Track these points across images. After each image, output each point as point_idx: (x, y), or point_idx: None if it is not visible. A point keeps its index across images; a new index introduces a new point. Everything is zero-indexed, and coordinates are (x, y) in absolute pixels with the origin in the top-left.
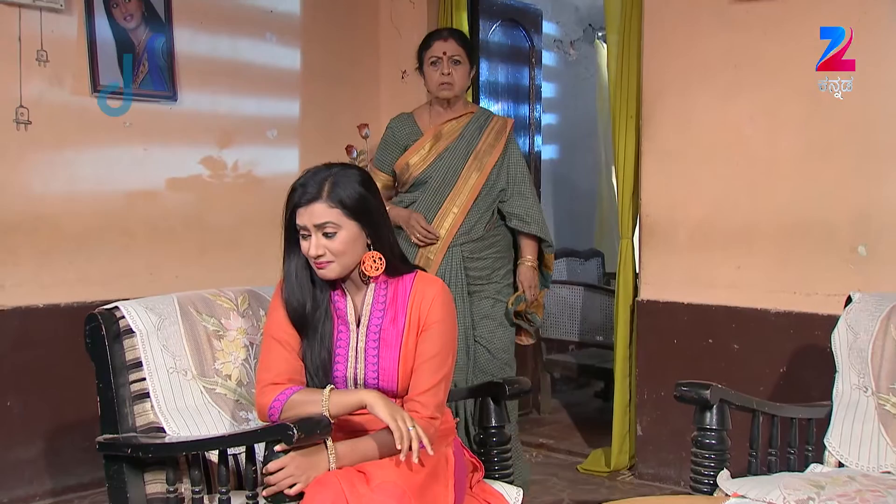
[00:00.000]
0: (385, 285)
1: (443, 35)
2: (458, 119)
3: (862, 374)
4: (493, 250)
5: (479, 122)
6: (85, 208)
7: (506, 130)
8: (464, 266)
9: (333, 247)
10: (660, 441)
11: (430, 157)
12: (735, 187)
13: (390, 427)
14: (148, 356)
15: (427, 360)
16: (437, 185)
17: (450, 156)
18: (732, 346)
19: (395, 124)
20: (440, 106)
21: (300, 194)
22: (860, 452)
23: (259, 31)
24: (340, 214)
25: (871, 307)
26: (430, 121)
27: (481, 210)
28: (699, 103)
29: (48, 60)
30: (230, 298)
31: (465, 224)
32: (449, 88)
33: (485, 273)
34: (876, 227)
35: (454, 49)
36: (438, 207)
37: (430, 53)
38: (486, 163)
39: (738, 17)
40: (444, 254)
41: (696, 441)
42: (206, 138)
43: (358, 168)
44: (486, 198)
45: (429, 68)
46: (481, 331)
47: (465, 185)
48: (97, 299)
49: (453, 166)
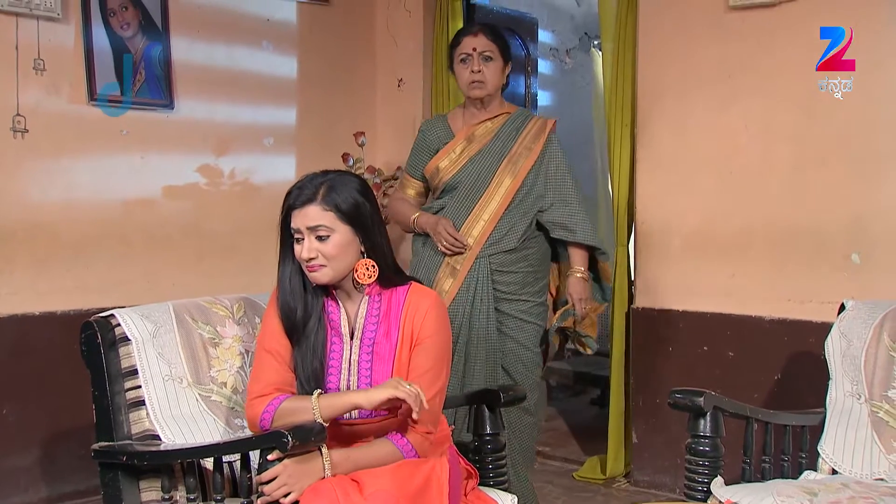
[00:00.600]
0: (379, 297)
1: (472, 30)
2: (494, 120)
3: (855, 382)
4: (525, 264)
5: (517, 123)
6: (82, 216)
7: (545, 131)
8: (491, 279)
9: (326, 250)
10: (655, 448)
11: (460, 161)
12: (729, 195)
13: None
14: (143, 364)
15: (421, 374)
16: (467, 190)
17: (482, 159)
18: (727, 353)
19: (426, 127)
20: (474, 106)
21: (296, 196)
22: (853, 459)
23: (256, 39)
24: (334, 218)
25: (864, 315)
26: (463, 122)
27: (515, 219)
28: (694, 112)
29: (45, 69)
30: (226, 306)
31: (495, 233)
32: (480, 87)
33: (513, 289)
34: (869, 235)
35: (484, 44)
36: (467, 214)
37: (460, 50)
38: (520, 166)
39: (733, 26)
40: (472, 265)
41: (690, 448)
42: (203, 146)
43: (356, 176)
44: (521, 205)
45: (458, 66)
46: (503, 352)
47: (498, 191)
48: (94, 307)
49: (485, 170)
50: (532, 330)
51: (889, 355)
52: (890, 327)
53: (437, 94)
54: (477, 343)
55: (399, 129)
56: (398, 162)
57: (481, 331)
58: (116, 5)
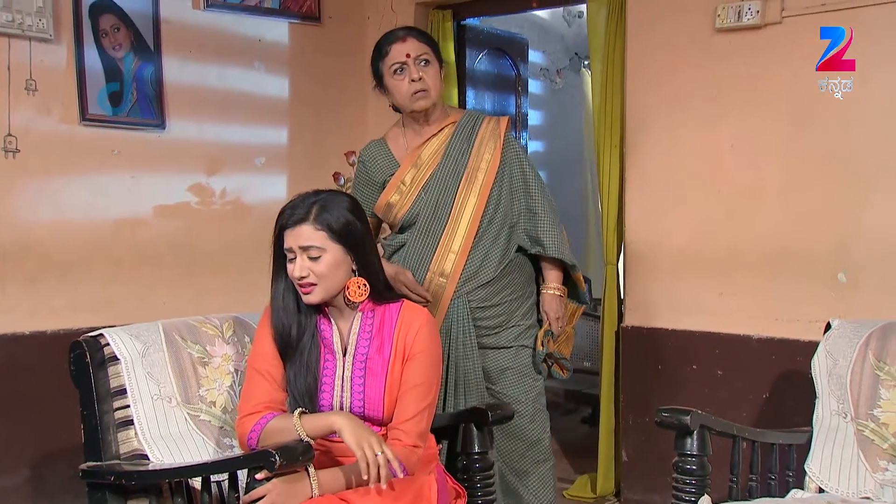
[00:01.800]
0: (371, 314)
1: (398, 36)
2: (439, 135)
3: (841, 400)
4: (508, 292)
5: (466, 132)
6: (73, 236)
7: (500, 132)
8: (472, 318)
9: (318, 269)
10: (645, 467)
11: (413, 192)
12: (717, 215)
13: (356, 455)
14: (132, 383)
15: (411, 388)
16: (428, 222)
17: (436, 184)
18: (716, 371)
19: (365, 157)
20: (415, 122)
21: (288, 216)
22: (840, 478)
23: (247, 59)
24: (326, 238)
25: (849, 334)
26: (406, 146)
27: (488, 243)
28: (682, 132)
29: (37, 89)
30: (215, 325)
31: (468, 266)
32: (426, 96)
33: (499, 321)
34: (855, 255)
35: (417, 47)
36: (434, 249)
37: (390, 60)
38: (482, 181)
39: (719, 47)
40: (448, 306)
41: (677, 466)
42: (195, 166)
43: (348, 195)
44: (491, 226)
45: (392, 79)
46: (503, 387)
47: (463, 216)
48: (84, 326)
49: (443, 195)
50: (525, 355)
51: (874, 374)
52: (875, 346)
53: None
54: (465, 389)
55: None
56: None
57: (469, 375)
58: (108, 26)
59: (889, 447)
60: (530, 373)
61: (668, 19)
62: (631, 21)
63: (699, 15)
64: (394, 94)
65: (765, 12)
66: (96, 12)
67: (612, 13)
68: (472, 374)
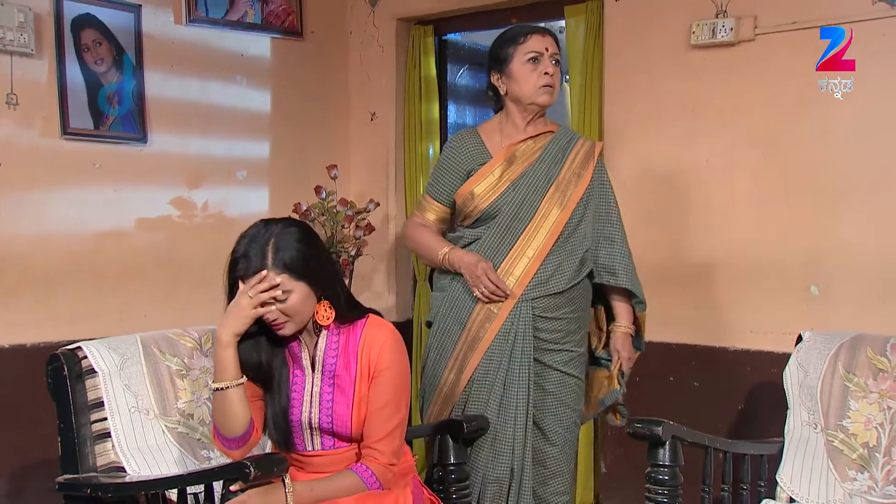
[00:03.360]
0: (337, 331)
1: (538, 30)
2: (536, 139)
3: (812, 411)
4: (570, 309)
5: (562, 144)
6: (54, 249)
7: (594, 155)
8: (534, 326)
9: (287, 309)
10: (623, 478)
11: (500, 186)
12: (693, 229)
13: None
14: (110, 396)
15: (380, 407)
16: (509, 220)
17: (526, 184)
18: (693, 383)
19: (456, 143)
20: (520, 119)
21: (244, 267)
22: (810, 488)
23: (229, 74)
24: (288, 279)
25: (819, 346)
26: (501, 140)
27: (562, 257)
28: (658, 146)
29: (18, 103)
30: (194, 338)
31: (540, 273)
32: (551, 93)
33: (556, 336)
34: (827, 268)
35: (554, 46)
36: (509, 249)
37: (528, 48)
38: (570, 196)
39: (695, 63)
40: (512, 309)
41: (650, 477)
42: (176, 179)
43: (295, 223)
44: (569, 242)
45: (524, 67)
46: (539, 410)
47: (544, 223)
48: (65, 339)
49: (530, 198)
50: (573, 385)
51: (843, 385)
52: (844, 358)
53: (410, 126)
54: (517, 396)
55: (371, 161)
56: (370, 194)
57: (521, 385)
58: (90, 41)
59: (857, 457)
60: (570, 402)
61: (645, 36)
62: (609, 37)
63: (675, 32)
64: (519, 82)
65: (738, 30)
66: (78, 27)
67: (591, 29)
68: (524, 386)
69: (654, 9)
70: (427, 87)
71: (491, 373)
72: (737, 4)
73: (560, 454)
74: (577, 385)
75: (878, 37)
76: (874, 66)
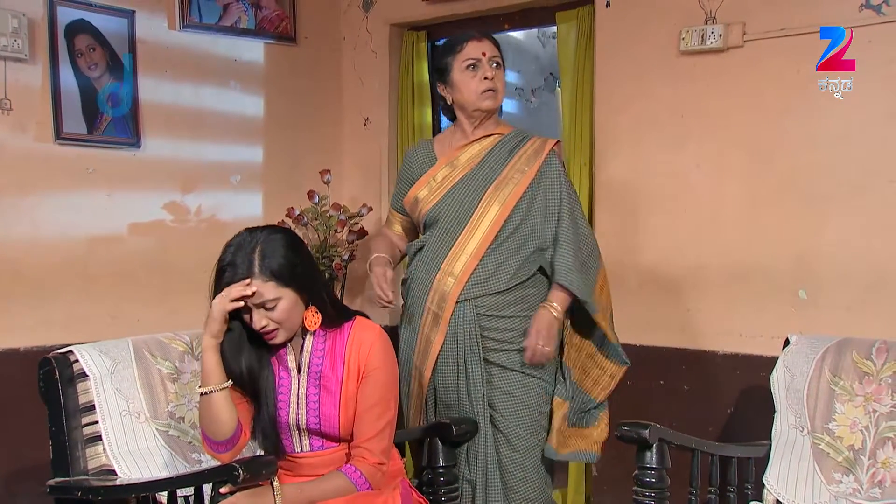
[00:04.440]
0: (324, 333)
1: (473, 35)
2: (482, 141)
3: (798, 414)
4: (521, 307)
5: (510, 145)
6: (47, 253)
7: (544, 152)
8: (478, 325)
9: (276, 317)
10: (615, 481)
11: (441, 189)
12: (683, 234)
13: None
14: (101, 399)
15: (370, 407)
16: (448, 222)
17: (465, 186)
18: (683, 387)
19: (409, 154)
20: (468, 125)
21: (231, 275)
22: (797, 490)
23: (223, 79)
24: (275, 286)
25: (806, 349)
26: (449, 145)
27: (505, 255)
28: (648, 152)
29: (12, 108)
30: (185, 342)
31: (479, 271)
32: (493, 96)
33: (509, 335)
34: (815, 272)
35: (492, 49)
36: (448, 250)
37: (465, 56)
38: (509, 192)
39: (685, 70)
40: (454, 310)
41: (637, 479)
42: (170, 184)
43: (280, 230)
44: (513, 239)
45: (463, 74)
46: (501, 413)
47: (482, 221)
48: (58, 343)
49: (468, 198)
50: (534, 386)
51: (829, 388)
52: (830, 362)
53: (403, 131)
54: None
55: (365, 166)
56: (363, 199)
57: (476, 385)
58: (84, 46)
59: (843, 460)
60: (531, 404)
61: (635, 42)
62: (599, 43)
63: (665, 38)
64: (461, 91)
65: (727, 36)
66: (72, 32)
67: (582, 35)
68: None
69: (644, 15)
70: (420, 92)
71: (450, 376)
72: (726, 11)
73: (524, 459)
74: (538, 386)
75: (865, 43)
76: (860, 73)
